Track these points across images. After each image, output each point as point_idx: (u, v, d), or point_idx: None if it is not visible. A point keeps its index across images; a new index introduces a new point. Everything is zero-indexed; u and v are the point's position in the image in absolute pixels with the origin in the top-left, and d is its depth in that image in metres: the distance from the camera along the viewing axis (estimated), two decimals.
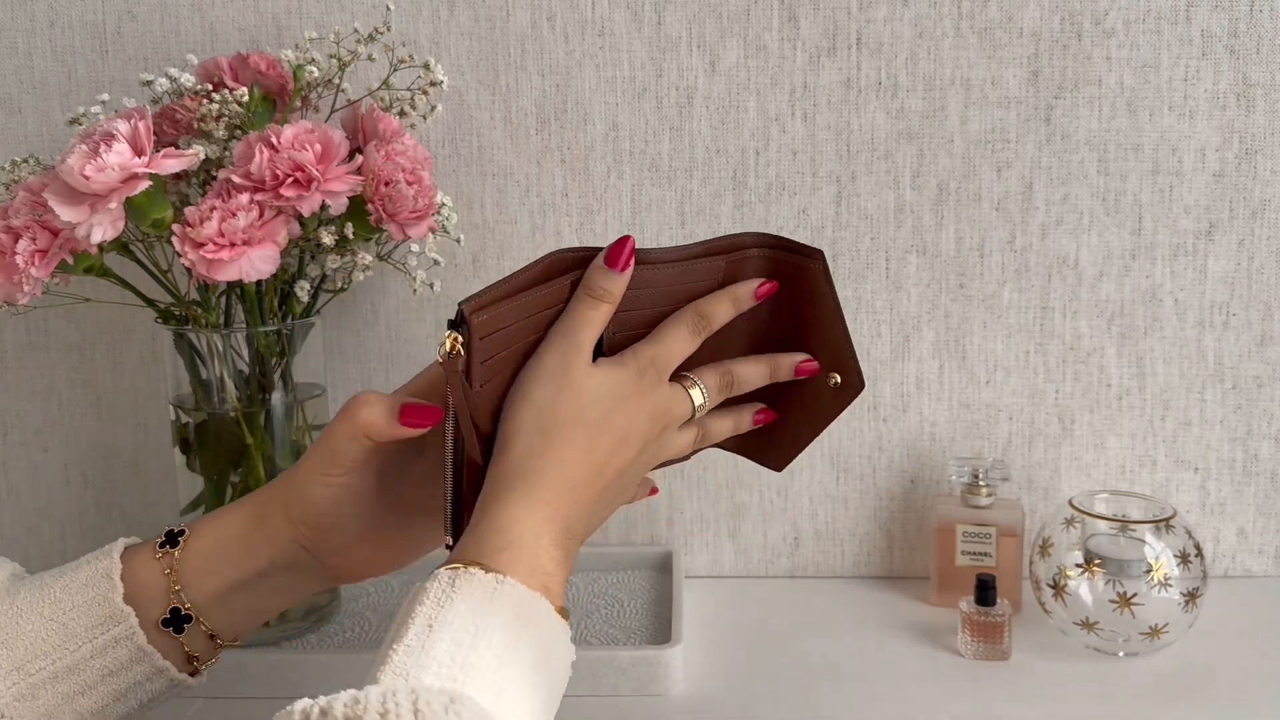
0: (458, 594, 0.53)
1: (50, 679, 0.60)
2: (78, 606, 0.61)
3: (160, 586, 0.62)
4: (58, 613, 0.61)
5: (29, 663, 0.60)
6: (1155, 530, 0.83)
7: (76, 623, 0.60)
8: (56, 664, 0.60)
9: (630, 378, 0.63)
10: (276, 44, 0.93)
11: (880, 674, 0.82)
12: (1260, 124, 0.91)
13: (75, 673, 0.60)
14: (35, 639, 0.60)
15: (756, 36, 0.92)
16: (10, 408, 1.00)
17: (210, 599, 0.63)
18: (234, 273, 0.72)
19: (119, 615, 0.61)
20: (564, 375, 0.62)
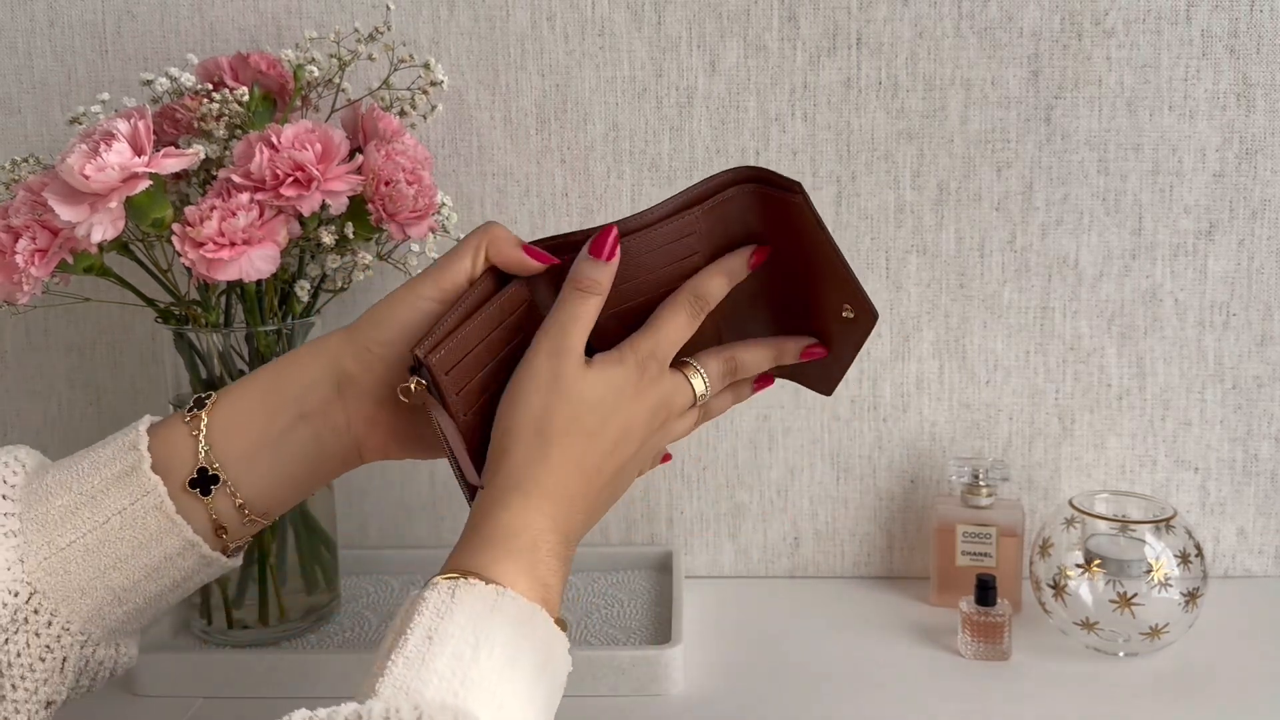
0: (458, 605, 0.52)
1: (81, 553, 0.59)
2: (105, 479, 0.60)
3: (188, 450, 0.62)
4: (86, 486, 0.60)
5: (58, 537, 0.59)
6: (1155, 530, 0.83)
7: (105, 495, 0.60)
8: (87, 537, 0.60)
9: (629, 374, 0.63)
10: (277, 44, 0.93)
11: (880, 674, 0.82)
12: (1260, 124, 0.91)
13: (106, 546, 0.60)
14: (64, 513, 0.60)
15: (756, 36, 0.92)
16: (10, 407, 1.00)
17: (237, 456, 0.62)
18: (234, 272, 0.72)
19: (147, 484, 0.60)
20: (555, 380, 0.61)
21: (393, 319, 0.64)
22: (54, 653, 0.59)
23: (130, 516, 0.60)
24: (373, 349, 0.64)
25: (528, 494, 0.59)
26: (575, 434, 0.60)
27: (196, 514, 0.62)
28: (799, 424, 0.97)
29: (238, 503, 0.63)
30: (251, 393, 0.64)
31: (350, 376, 0.64)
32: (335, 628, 0.89)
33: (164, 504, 0.60)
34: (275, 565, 0.86)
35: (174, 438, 0.62)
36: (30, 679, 0.59)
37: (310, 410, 0.64)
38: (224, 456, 0.62)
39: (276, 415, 0.63)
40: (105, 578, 0.60)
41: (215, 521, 0.62)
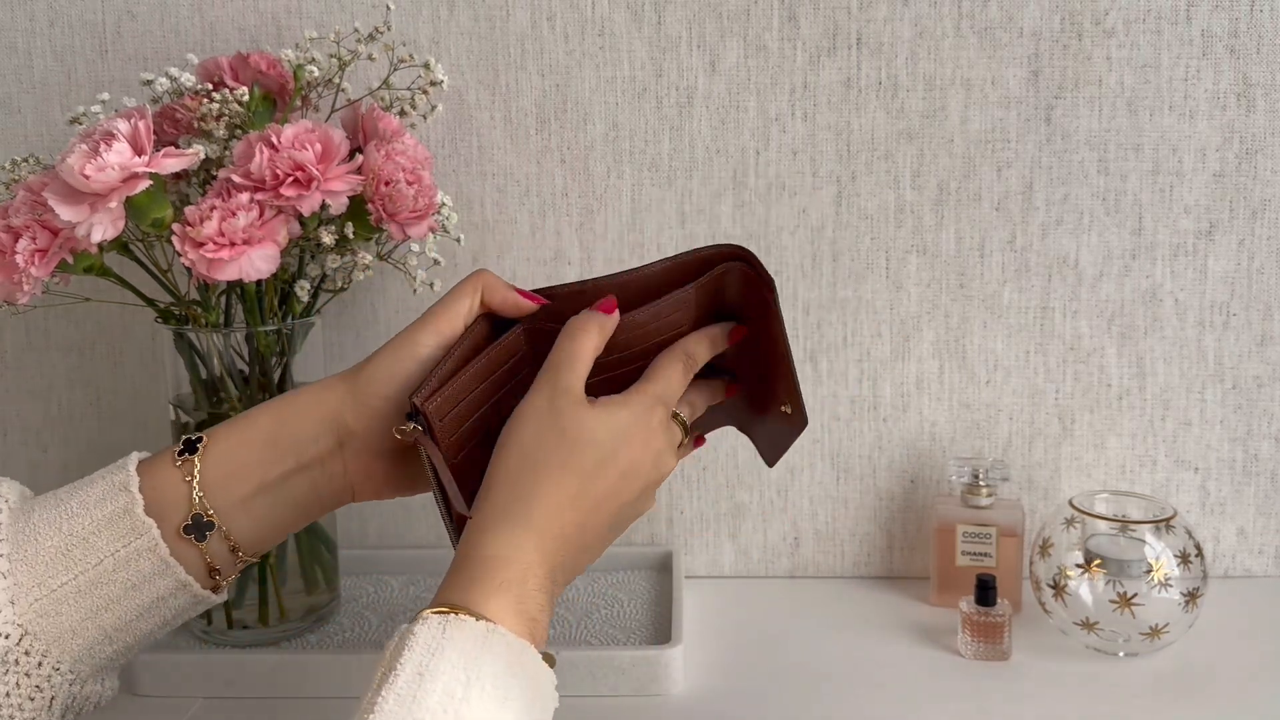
0: (448, 642, 0.52)
1: (73, 594, 0.59)
2: (97, 521, 0.60)
3: (180, 494, 0.62)
4: (76, 527, 0.60)
5: (50, 579, 0.59)
6: (1155, 530, 0.83)
7: (97, 537, 0.60)
8: (79, 579, 0.59)
9: (637, 417, 0.63)
10: (276, 43, 0.93)
11: (880, 674, 0.82)
12: (1260, 124, 0.91)
13: (98, 587, 0.60)
14: (55, 555, 0.59)
15: (756, 36, 0.92)
16: (10, 408, 1.00)
17: (232, 504, 0.62)
18: (234, 272, 0.72)
19: (140, 527, 0.60)
20: (553, 415, 0.61)
21: (393, 372, 0.64)
22: (43, 692, 0.59)
23: (123, 559, 0.60)
24: (373, 403, 0.64)
25: (515, 523, 0.58)
26: (570, 470, 0.60)
27: (190, 557, 0.62)
28: None
29: (231, 545, 0.63)
30: (249, 440, 0.64)
31: (351, 431, 0.65)
32: (335, 628, 0.89)
33: (158, 547, 0.61)
34: (275, 565, 0.86)
35: (166, 482, 0.62)
36: (19, 718, 0.59)
37: (309, 461, 0.64)
38: (219, 503, 0.62)
39: (275, 465, 0.64)
40: (97, 618, 0.60)
41: (209, 564, 0.63)
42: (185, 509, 0.62)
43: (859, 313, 0.95)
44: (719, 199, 0.94)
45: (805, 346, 0.96)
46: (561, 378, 0.62)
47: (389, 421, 0.64)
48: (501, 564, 0.57)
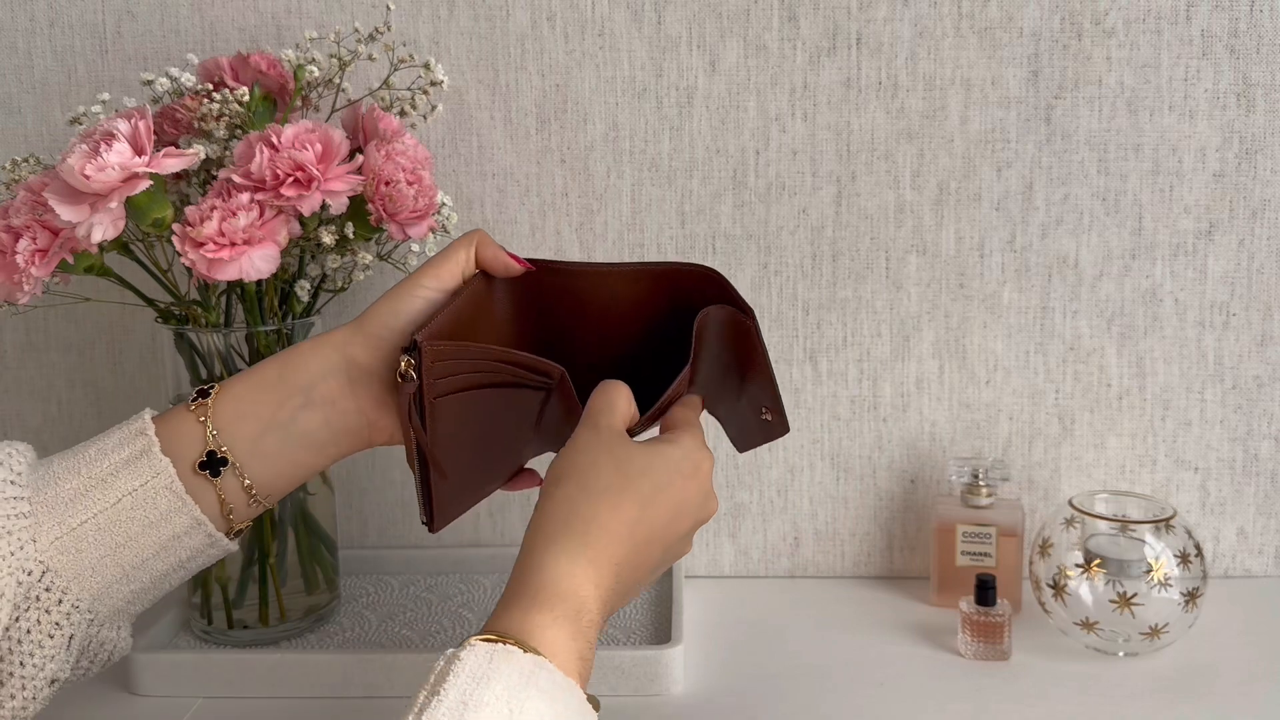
0: (495, 674, 0.51)
1: (93, 531, 0.61)
2: (115, 463, 0.62)
3: (196, 434, 0.64)
4: (95, 470, 0.62)
5: (70, 517, 0.61)
6: (1155, 530, 0.83)
7: (115, 477, 0.62)
8: (98, 517, 0.61)
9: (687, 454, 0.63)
10: (277, 44, 0.93)
11: (880, 674, 0.82)
12: (1260, 124, 0.91)
13: (117, 525, 0.62)
14: (74, 495, 0.61)
15: (756, 36, 0.92)
16: (10, 407, 1.00)
17: (245, 442, 0.64)
18: (234, 272, 0.72)
19: (157, 465, 0.62)
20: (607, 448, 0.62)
21: (400, 310, 0.67)
22: (62, 630, 0.61)
23: (141, 496, 0.62)
24: (380, 335, 0.66)
25: (573, 546, 0.57)
26: (628, 496, 0.60)
27: (205, 496, 0.64)
28: (799, 424, 0.97)
29: (245, 483, 0.65)
30: (258, 383, 0.66)
31: (360, 364, 0.66)
32: (335, 627, 0.89)
33: (174, 484, 0.62)
34: (275, 565, 0.86)
35: (180, 424, 0.64)
36: (39, 655, 0.60)
37: (320, 398, 0.66)
38: (232, 440, 0.64)
39: (285, 402, 0.65)
40: (116, 555, 0.62)
41: (223, 503, 0.64)
42: (200, 447, 0.64)
43: (859, 312, 0.95)
44: (719, 199, 0.94)
45: (805, 346, 0.96)
46: (603, 419, 0.64)
47: (397, 354, 0.65)
48: (557, 593, 0.56)
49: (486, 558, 0.99)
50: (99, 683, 0.82)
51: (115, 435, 0.64)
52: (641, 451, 0.62)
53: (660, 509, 0.61)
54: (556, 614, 0.55)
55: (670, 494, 0.61)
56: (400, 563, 0.99)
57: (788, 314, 0.96)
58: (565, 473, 0.61)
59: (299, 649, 0.85)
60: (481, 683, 0.50)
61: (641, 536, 0.60)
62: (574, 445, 0.63)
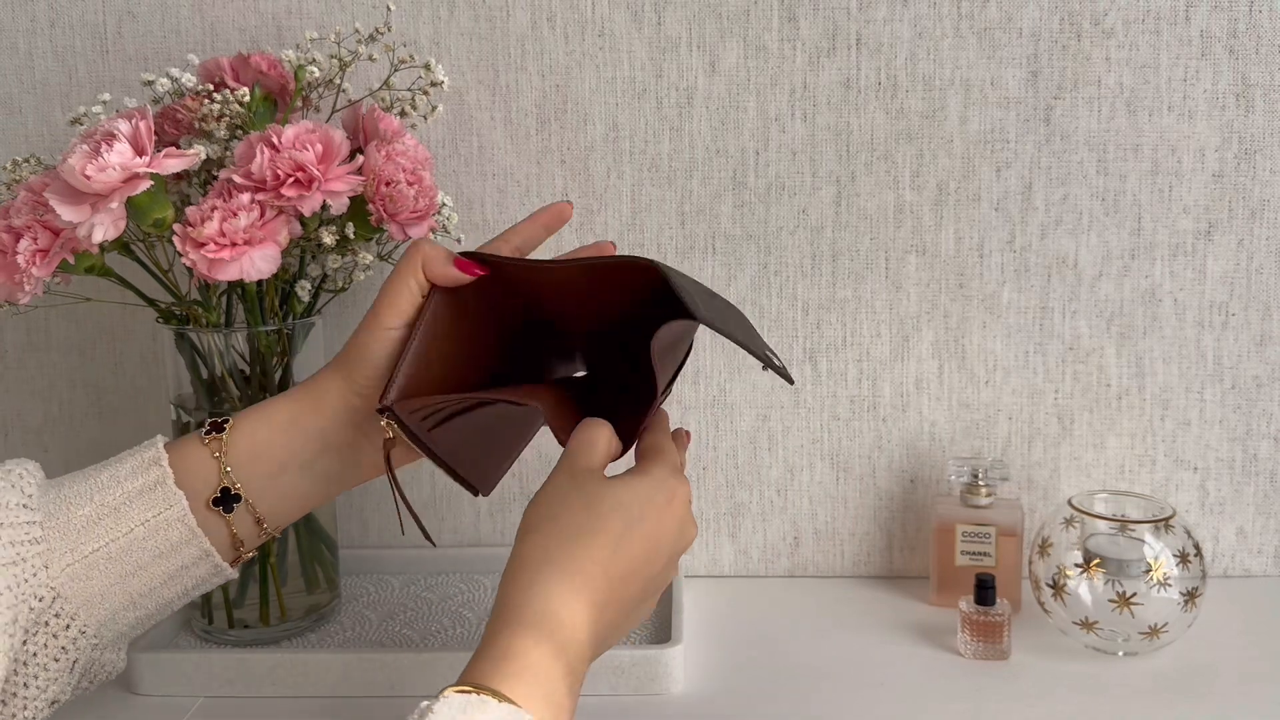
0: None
1: (104, 560, 0.62)
2: (128, 493, 0.63)
3: (209, 469, 0.65)
4: (108, 498, 0.63)
5: (82, 544, 0.62)
6: (1154, 530, 0.83)
7: (129, 507, 0.63)
8: (110, 545, 0.62)
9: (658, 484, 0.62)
10: (277, 44, 0.93)
11: (880, 674, 0.82)
12: (1259, 124, 0.91)
13: (128, 554, 0.63)
14: (87, 522, 0.62)
15: (756, 37, 0.92)
16: (10, 407, 1.01)
17: (259, 479, 0.66)
18: (235, 272, 0.72)
19: (171, 498, 0.63)
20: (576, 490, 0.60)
21: (377, 354, 0.67)
22: (68, 654, 0.62)
23: (154, 527, 0.63)
24: (373, 381, 0.67)
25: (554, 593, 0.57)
26: (601, 534, 0.59)
27: (216, 529, 0.65)
28: (798, 424, 0.97)
29: (257, 517, 0.66)
30: (274, 424, 0.67)
31: (362, 412, 0.67)
32: (336, 627, 0.89)
33: (187, 517, 0.64)
34: (276, 565, 0.86)
35: (194, 457, 0.65)
36: (43, 677, 0.61)
37: (337, 443, 0.67)
38: (247, 478, 0.66)
39: (304, 447, 0.67)
40: (124, 583, 0.63)
41: (234, 535, 0.66)
42: (214, 483, 0.65)
43: (858, 313, 0.95)
44: (719, 199, 0.94)
45: (805, 346, 0.96)
46: (579, 460, 0.62)
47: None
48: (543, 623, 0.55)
49: (487, 558, 0.99)
50: None
51: (129, 463, 0.64)
52: (612, 488, 0.61)
53: (635, 544, 0.60)
54: (542, 641, 0.54)
55: (644, 528, 0.60)
56: (400, 563, 0.99)
57: (788, 314, 0.96)
58: (537, 521, 0.60)
59: (299, 649, 0.85)
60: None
61: (617, 574, 0.59)
62: (547, 490, 0.62)
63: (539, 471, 0.99)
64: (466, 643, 0.87)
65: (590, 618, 0.57)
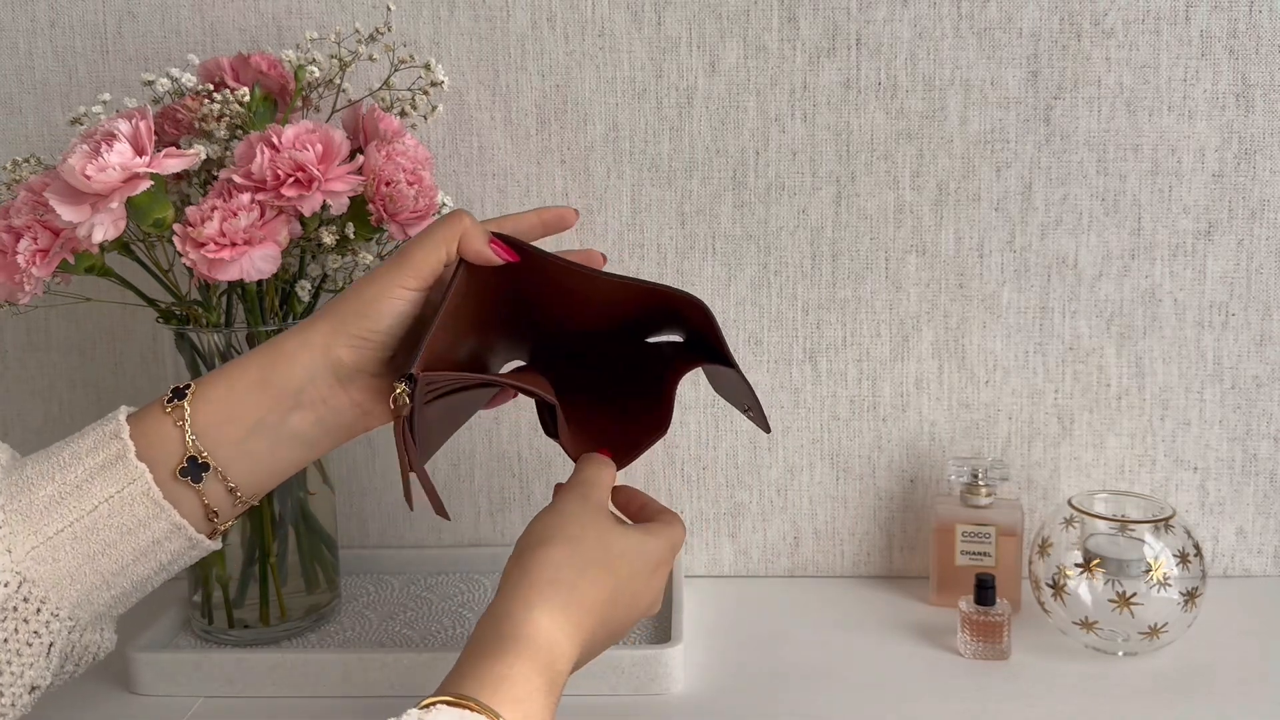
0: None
1: (69, 540, 0.60)
2: (89, 469, 0.61)
3: (172, 439, 0.63)
4: (69, 476, 0.61)
5: (45, 526, 0.60)
6: (1154, 530, 0.83)
7: (90, 484, 0.61)
8: (74, 525, 0.60)
9: (661, 551, 0.66)
10: (277, 44, 0.93)
11: (880, 674, 0.82)
12: (1259, 124, 0.91)
13: (93, 533, 0.61)
14: (49, 502, 0.60)
15: (756, 37, 0.92)
16: (11, 407, 1.01)
17: (227, 445, 0.63)
18: (235, 272, 0.72)
19: (133, 472, 0.61)
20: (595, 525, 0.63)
21: (383, 311, 0.65)
22: (41, 638, 0.60)
23: (118, 503, 0.61)
24: (368, 337, 0.65)
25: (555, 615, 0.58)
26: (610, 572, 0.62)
27: (187, 500, 0.63)
28: (798, 424, 0.97)
29: (229, 486, 0.64)
30: (240, 385, 0.64)
31: (346, 364, 0.65)
32: (336, 627, 0.89)
33: (151, 490, 0.61)
34: (276, 564, 0.86)
35: (156, 427, 0.63)
36: (16, 663, 0.60)
37: (310, 399, 0.65)
38: (214, 444, 0.63)
39: (274, 406, 0.64)
40: (94, 563, 0.61)
41: (207, 506, 0.64)
42: (179, 452, 0.63)
43: (858, 313, 0.95)
44: (719, 199, 0.94)
45: (805, 346, 0.96)
46: (594, 493, 0.65)
47: (385, 348, 0.65)
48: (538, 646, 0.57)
49: (487, 557, 0.99)
50: (99, 682, 0.82)
51: (89, 438, 0.62)
52: (623, 535, 0.64)
53: (627, 595, 0.63)
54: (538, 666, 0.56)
55: (637, 583, 0.64)
56: (400, 562, 0.99)
57: (788, 314, 0.96)
58: (551, 535, 0.62)
59: (299, 648, 0.85)
60: None
61: (606, 617, 0.62)
62: (561, 510, 0.64)
63: (538, 471, 0.99)
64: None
65: (576, 654, 0.60)
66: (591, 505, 0.65)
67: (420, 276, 0.65)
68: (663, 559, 0.66)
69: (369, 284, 0.66)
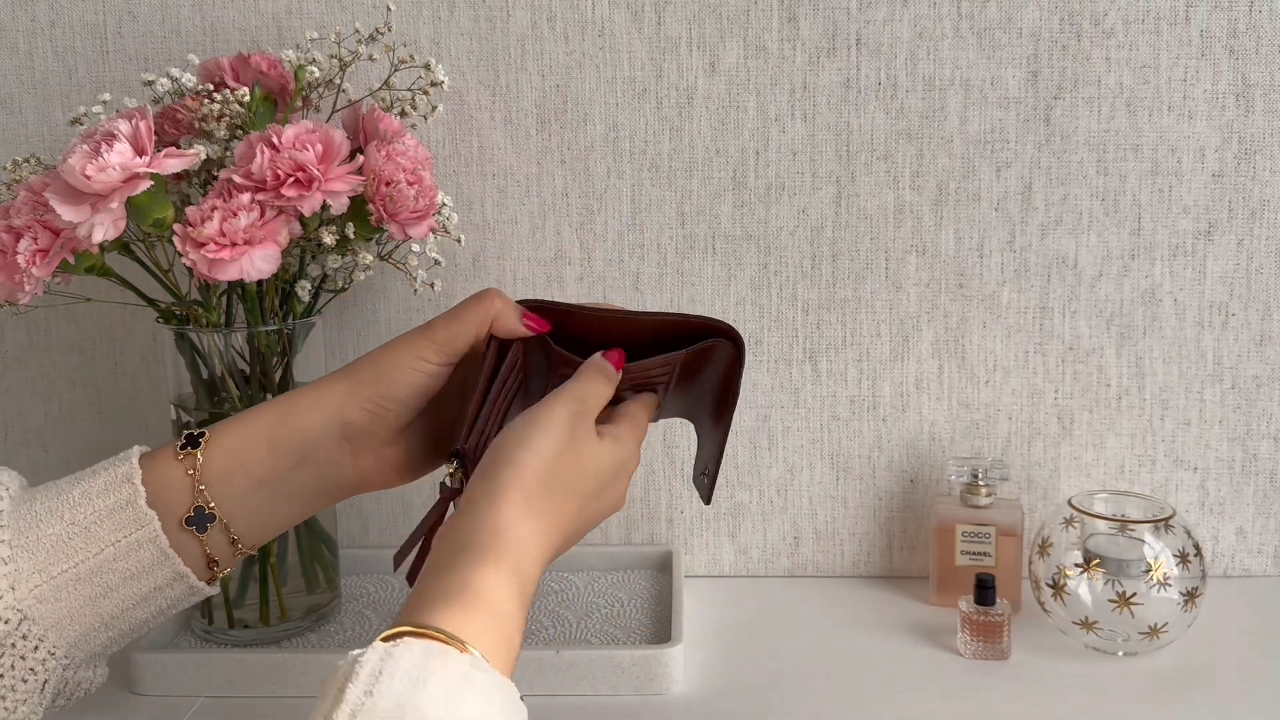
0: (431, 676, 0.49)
1: (72, 581, 0.60)
2: (99, 511, 0.61)
3: (182, 487, 0.63)
4: (78, 516, 0.61)
5: (51, 565, 0.60)
6: (1154, 530, 0.83)
7: (99, 526, 0.61)
8: (79, 567, 0.61)
9: (630, 456, 0.66)
10: (277, 44, 0.93)
11: (880, 674, 0.82)
12: (1259, 124, 0.91)
13: (98, 575, 0.61)
14: (56, 542, 0.60)
15: (756, 37, 0.92)
16: (10, 407, 1.01)
17: (234, 497, 0.64)
18: (235, 272, 0.72)
19: (142, 519, 0.61)
20: (573, 440, 0.62)
21: (400, 379, 0.66)
22: (37, 675, 0.60)
23: (124, 549, 0.61)
24: (384, 404, 0.66)
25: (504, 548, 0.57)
26: (579, 494, 0.62)
27: (190, 548, 0.63)
28: (798, 424, 0.97)
29: (232, 537, 0.64)
30: (251, 436, 0.65)
31: (356, 426, 0.66)
32: (336, 627, 0.89)
33: (159, 538, 0.62)
34: (276, 565, 0.86)
35: (168, 474, 0.63)
36: (10, 699, 0.60)
37: (317, 459, 0.66)
38: (220, 496, 0.64)
39: (280, 460, 0.65)
40: (95, 605, 0.61)
41: (209, 555, 0.64)
42: (187, 501, 0.63)
43: (858, 312, 0.95)
44: (719, 199, 0.94)
45: (805, 346, 0.96)
46: (581, 405, 0.64)
47: (398, 419, 0.66)
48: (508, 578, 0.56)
49: None
50: None
51: (101, 478, 0.62)
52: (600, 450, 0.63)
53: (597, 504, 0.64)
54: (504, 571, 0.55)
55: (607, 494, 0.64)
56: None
57: (788, 314, 0.96)
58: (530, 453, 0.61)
59: (299, 649, 0.85)
60: (418, 685, 0.48)
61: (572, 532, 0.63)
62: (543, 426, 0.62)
63: None
64: None
65: (541, 568, 0.59)
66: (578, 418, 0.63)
67: (444, 353, 0.66)
68: (630, 465, 0.66)
69: (389, 350, 0.67)
